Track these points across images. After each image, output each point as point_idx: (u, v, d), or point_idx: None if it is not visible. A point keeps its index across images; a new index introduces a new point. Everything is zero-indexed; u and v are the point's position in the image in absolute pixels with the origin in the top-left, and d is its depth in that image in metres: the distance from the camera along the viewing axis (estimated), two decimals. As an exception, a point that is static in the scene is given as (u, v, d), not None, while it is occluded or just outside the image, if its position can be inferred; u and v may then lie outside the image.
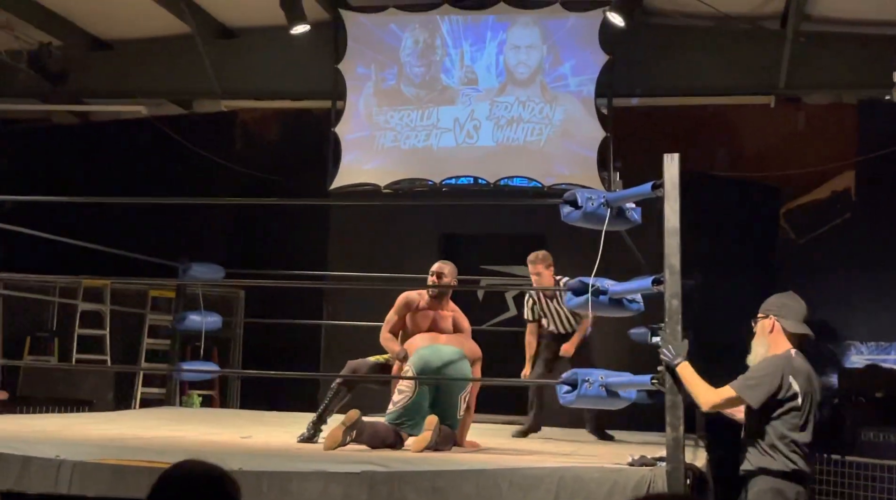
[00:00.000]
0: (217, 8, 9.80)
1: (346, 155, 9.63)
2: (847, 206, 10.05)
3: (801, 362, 4.06)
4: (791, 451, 3.95)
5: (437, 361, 5.58)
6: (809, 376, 4.02)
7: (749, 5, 8.95)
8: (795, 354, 4.08)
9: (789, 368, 3.99)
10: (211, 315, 8.60)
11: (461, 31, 9.56)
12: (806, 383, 3.98)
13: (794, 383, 3.95)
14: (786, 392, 3.95)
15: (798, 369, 4.01)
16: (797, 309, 4.17)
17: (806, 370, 4.03)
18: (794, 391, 3.95)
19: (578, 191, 4.76)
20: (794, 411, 3.95)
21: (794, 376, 3.97)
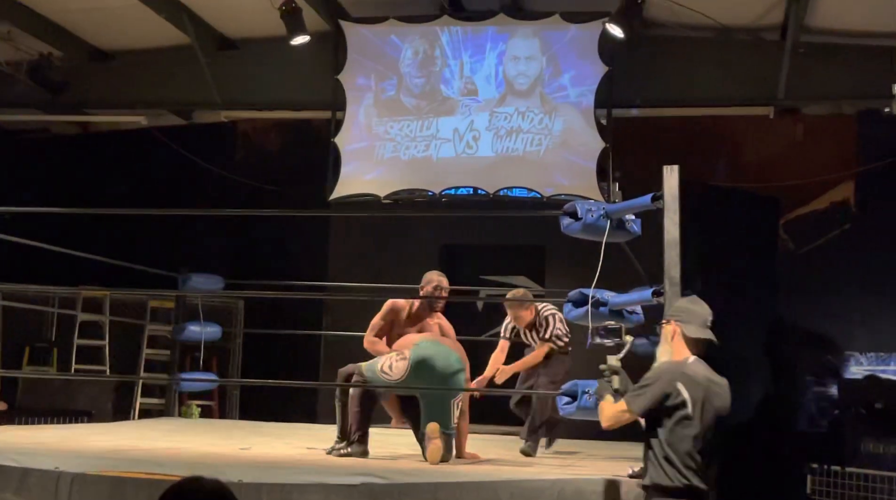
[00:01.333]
0: (217, 19, 9.83)
1: (346, 165, 9.64)
2: (846, 217, 10.06)
3: (699, 369, 3.86)
4: (684, 465, 3.74)
5: (441, 362, 5.45)
6: (705, 384, 3.81)
7: (749, 17, 8.98)
8: (694, 361, 3.88)
9: (679, 375, 3.80)
10: (210, 326, 8.60)
11: (461, 42, 9.59)
12: (699, 390, 3.78)
13: (682, 390, 3.74)
14: (674, 400, 3.75)
15: (691, 376, 3.80)
16: (699, 314, 3.99)
17: (702, 378, 3.83)
18: (683, 399, 3.74)
19: (578, 202, 4.77)
20: (686, 420, 3.74)
21: (685, 383, 3.76)
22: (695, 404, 3.74)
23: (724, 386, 3.90)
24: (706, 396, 3.78)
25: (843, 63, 8.87)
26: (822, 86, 9.10)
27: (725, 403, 3.87)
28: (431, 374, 5.43)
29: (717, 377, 3.90)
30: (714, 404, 3.80)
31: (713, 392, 3.82)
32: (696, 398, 3.75)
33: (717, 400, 3.82)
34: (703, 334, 3.94)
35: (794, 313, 10.01)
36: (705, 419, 3.76)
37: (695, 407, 3.74)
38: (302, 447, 6.21)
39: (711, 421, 3.79)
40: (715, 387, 3.84)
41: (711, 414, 3.78)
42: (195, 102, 10.49)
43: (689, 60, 9.34)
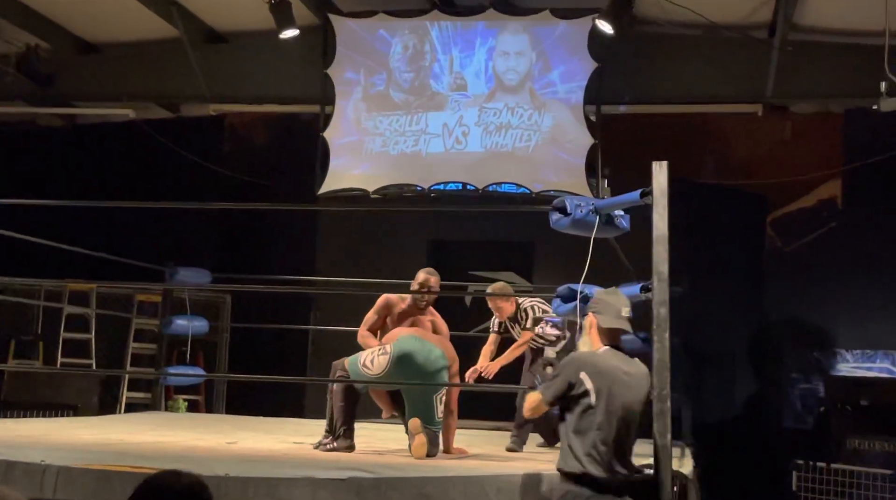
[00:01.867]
0: (206, 12, 9.78)
1: (335, 160, 9.62)
2: (833, 214, 10.11)
3: (609, 358, 4.00)
4: (585, 453, 3.84)
5: (422, 358, 5.46)
6: (612, 374, 3.92)
7: (737, 15, 8.99)
8: (605, 351, 4.03)
9: (584, 365, 3.95)
10: (197, 319, 8.57)
11: (451, 37, 9.57)
12: (604, 380, 3.88)
13: (586, 379, 3.89)
14: (578, 389, 3.89)
15: (597, 365, 3.95)
16: (614, 305, 4.12)
17: (610, 367, 3.95)
18: (586, 388, 3.88)
19: (567, 198, 4.76)
20: (589, 409, 3.86)
21: (590, 373, 3.90)
22: (598, 393, 3.88)
23: (639, 376, 4.04)
24: (612, 386, 3.91)
25: (830, 61, 8.89)
26: (809, 84, 9.12)
27: (638, 393, 4.00)
28: (412, 369, 5.44)
29: (632, 367, 4.04)
30: (623, 395, 3.92)
31: (621, 382, 3.95)
32: (601, 388, 3.89)
33: (625, 391, 3.94)
34: (615, 323, 4.08)
35: (780, 310, 10.06)
36: (611, 409, 3.88)
37: (598, 397, 3.88)
38: (289, 441, 6.20)
39: (621, 411, 3.90)
40: (625, 377, 3.97)
41: (619, 404, 3.90)
42: (183, 95, 10.44)
43: (678, 58, 9.35)
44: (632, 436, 4.00)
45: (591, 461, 3.85)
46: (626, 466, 3.94)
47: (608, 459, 3.87)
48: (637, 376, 4.04)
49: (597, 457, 3.85)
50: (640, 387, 4.02)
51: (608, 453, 3.87)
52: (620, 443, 3.91)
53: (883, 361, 9.67)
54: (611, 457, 3.88)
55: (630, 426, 3.96)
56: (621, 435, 3.91)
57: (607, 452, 3.87)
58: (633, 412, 3.98)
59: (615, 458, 3.90)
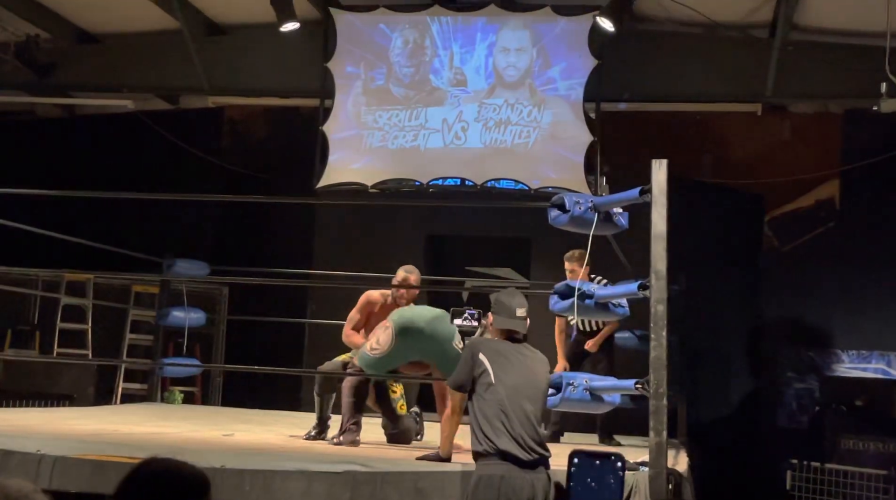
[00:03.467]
0: (207, 4, 9.76)
1: (334, 154, 9.61)
2: (831, 214, 10.10)
3: (505, 343, 4.18)
4: (492, 429, 3.95)
5: (419, 319, 5.48)
6: (508, 354, 4.10)
7: (738, 14, 8.99)
8: (498, 339, 4.24)
9: (482, 346, 4.16)
10: (194, 311, 8.57)
11: (451, 32, 9.57)
12: (499, 358, 4.07)
13: (484, 360, 4.05)
14: (479, 370, 4.06)
15: (493, 346, 4.16)
16: (508, 306, 4.25)
17: (507, 349, 4.14)
18: (485, 368, 4.04)
19: (566, 195, 4.77)
20: (490, 386, 4.01)
21: (486, 352, 4.08)
22: (497, 372, 4.02)
23: (536, 359, 4.22)
24: (509, 364, 4.07)
25: (830, 61, 8.89)
26: (809, 84, 9.12)
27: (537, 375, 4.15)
28: (417, 332, 5.44)
29: (529, 351, 4.22)
30: (521, 373, 4.07)
31: (518, 361, 4.10)
32: (498, 367, 4.04)
33: (523, 369, 4.09)
34: (507, 325, 4.22)
35: (776, 310, 10.07)
36: (510, 385, 4.01)
37: (497, 375, 4.01)
38: (285, 434, 6.21)
39: (522, 388, 4.02)
40: (521, 357, 4.13)
41: (518, 381, 4.03)
42: (183, 87, 10.44)
43: (678, 56, 9.35)
44: (537, 414, 4.09)
45: (499, 435, 3.95)
46: (535, 442, 4.02)
47: (515, 434, 3.96)
48: (536, 360, 4.22)
49: (504, 430, 3.95)
50: (539, 370, 4.19)
51: (515, 428, 3.96)
52: (525, 419, 4.00)
53: (878, 361, 9.68)
54: (519, 432, 3.96)
55: (534, 403, 4.07)
56: (525, 411, 4.01)
57: (514, 427, 3.96)
58: (534, 390, 4.11)
59: (523, 433, 3.98)
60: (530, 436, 3.98)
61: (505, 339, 4.22)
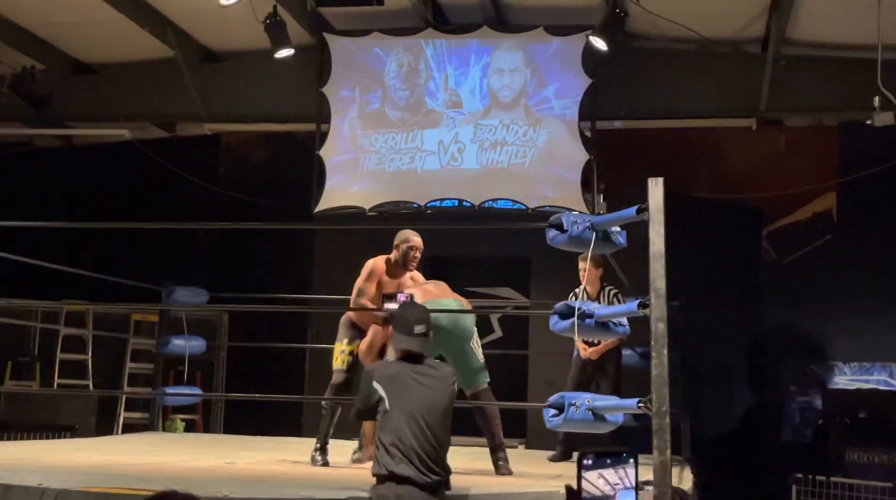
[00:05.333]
0: (201, 32, 9.82)
1: (331, 178, 9.63)
2: (829, 227, 10.13)
3: (402, 366, 4.18)
4: (388, 454, 4.01)
5: (442, 317, 5.44)
6: (404, 379, 4.11)
7: (730, 29, 9.04)
8: (399, 360, 4.24)
9: (377, 373, 4.18)
10: (195, 339, 8.55)
11: (445, 54, 9.61)
12: (394, 385, 4.09)
13: (379, 388, 4.10)
14: (374, 398, 4.11)
15: (389, 372, 4.17)
16: (407, 321, 4.25)
17: (402, 373, 4.14)
18: (380, 396, 4.09)
19: (564, 215, 4.76)
20: (386, 413, 4.07)
21: (381, 380, 4.12)
22: (392, 398, 4.06)
23: (439, 377, 4.18)
24: (405, 390, 4.08)
25: (824, 75, 8.93)
26: (803, 98, 9.16)
27: (436, 395, 4.11)
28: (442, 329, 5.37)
29: (429, 370, 4.17)
30: (417, 398, 4.06)
31: (414, 385, 4.10)
32: (393, 393, 4.07)
33: (419, 393, 4.08)
34: (402, 344, 4.23)
35: (777, 323, 10.07)
36: (406, 411, 4.03)
37: (392, 402, 4.05)
38: (288, 460, 6.19)
39: (417, 413, 4.03)
40: (420, 379, 4.12)
41: (414, 406, 4.04)
42: (179, 115, 10.46)
43: (671, 72, 9.39)
44: (436, 435, 4.09)
45: (393, 461, 4.01)
46: (434, 463, 4.05)
47: (412, 458, 4.01)
48: (437, 378, 4.18)
49: (400, 455, 4.00)
50: (439, 389, 4.16)
51: (410, 453, 4.01)
52: (424, 441, 4.04)
53: (880, 373, 9.68)
54: (415, 456, 4.01)
55: (431, 427, 4.07)
56: (423, 434, 4.04)
57: (409, 452, 4.01)
58: (433, 411, 4.10)
59: (420, 456, 4.02)
60: (429, 458, 4.04)
61: (401, 358, 4.23)
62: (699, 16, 8.77)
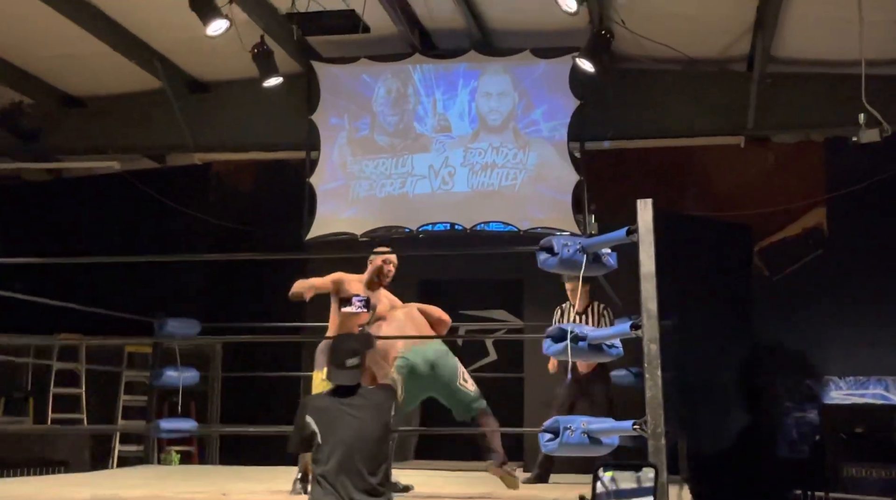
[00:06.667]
0: (189, 63, 9.84)
1: (322, 205, 9.64)
2: (819, 242, 10.17)
3: (333, 398, 4.23)
4: (320, 486, 4.08)
5: (421, 364, 5.62)
6: (333, 413, 4.16)
7: (715, 48, 9.09)
8: (327, 394, 4.31)
9: (309, 407, 4.22)
10: (188, 370, 8.50)
11: (433, 79, 9.65)
12: (325, 418, 4.15)
13: (311, 421, 4.16)
14: (307, 431, 4.17)
15: (320, 405, 4.23)
16: (336, 356, 4.29)
17: (334, 406, 4.19)
18: (313, 430, 4.15)
19: (555, 238, 4.77)
20: (318, 446, 4.12)
21: (312, 414, 4.18)
22: (323, 432, 4.11)
23: (370, 407, 4.21)
24: (335, 421, 4.14)
25: (810, 91, 8.98)
26: (790, 114, 9.20)
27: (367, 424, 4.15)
28: (422, 377, 5.61)
29: (359, 401, 4.21)
30: (348, 429, 4.11)
31: (344, 417, 4.14)
32: (325, 426, 4.13)
33: (349, 424, 4.13)
34: (334, 378, 4.28)
35: (771, 340, 10.07)
36: (337, 442, 4.09)
37: (324, 435, 4.11)
38: (283, 490, 6.14)
39: (348, 444, 4.08)
40: (350, 410, 4.17)
41: (344, 437, 4.10)
42: (168, 146, 10.46)
43: (659, 92, 9.44)
44: (369, 467, 4.12)
45: (325, 492, 4.07)
46: (365, 493, 4.10)
47: (342, 491, 4.06)
48: (369, 407, 4.21)
49: (330, 487, 4.06)
50: (370, 418, 4.19)
51: (339, 487, 4.06)
52: (354, 474, 4.08)
53: (876, 387, 9.68)
54: (345, 489, 4.06)
55: (365, 458, 4.11)
56: (354, 467, 4.08)
57: (339, 486, 4.06)
58: (364, 443, 4.13)
59: (349, 489, 4.07)
60: (360, 490, 4.08)
61: (334, 391, 4.27)
62: (685, 36, 8.83)
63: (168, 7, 8.25)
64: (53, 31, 8.63)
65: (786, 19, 8.14)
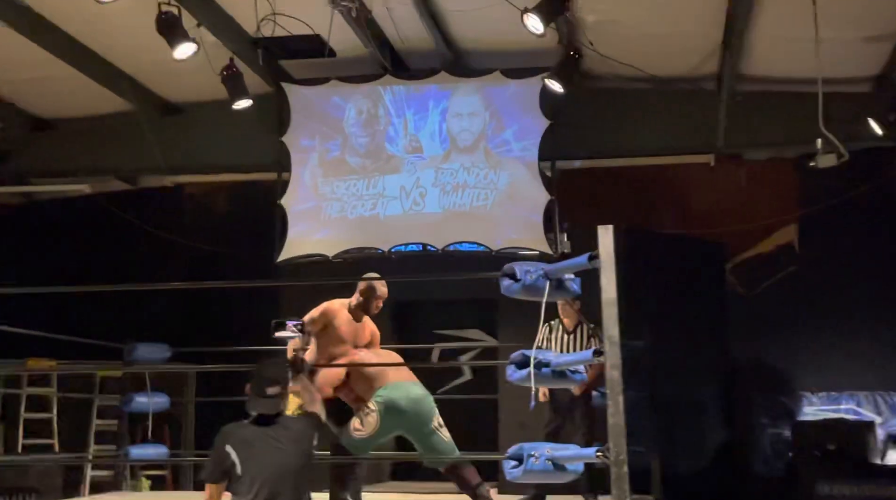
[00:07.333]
0: (159, 84, 9.81)
1: (293, 227, 9.61)
2: (791, 259, 10.21)
3: (255, 428, 4.18)
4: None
5: (402, 399, 5.65)
6: (254, 442, 4.11)
7: (685, 67, 9.13)
8: (249, 422, 4.24)
9: (230, 437, 4.16)
10: (158, 396, 8.42)
11: (404, 100, 9.65)
12: (246, 449, 4.09)
13: (231, 451, 4.11)
14: (227, 462, 4.12)
15: (242, 435, 4.16)
16: (259, 383, 4.27)
17: (255, 436, 4.14)
18: (233, 461, 4.09)
19: (517, 264, 4.76)
20: (237, 476, 4.07)
21: (233, 444, 4.12)
22: (243, 462, 4.06)
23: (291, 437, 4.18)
24: (256, 452, 4.08)
25: (778, 109, 9.04)
26: (759, 132, 9.26)
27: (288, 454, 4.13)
28: (402, 413, 5.64)
29: (281, 431, 4.18)
30: (268, 459, 4.07)
31: (267, 447, 4.11)
32: (245, 457, 4.09)
33: (271, 454, 4.09)
34: (255, 407, 4.25)
35: (745, 357, 10.09)
36: (257, 474, 4.04)
37: (244, 465, 4.05)
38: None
39: (268, 474, 4.04)
40: (272, 441, 4.13)
41: (264, 467, 4.05)
42: (140, 168, 10.43)
43: (629, 111, 9.47)
44: (291, 494, 4.11)
45: None
46: None
47: None
48: (291, 438, 4.18)
49: None
50: (292, 450, 4.16)
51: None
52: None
53: (848, 402, 9.71)
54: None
55: (287, 489, 4.09)
56: (274, 497, 4.05)
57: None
58: (285, 473, 4.10)
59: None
60: None
61: (255, 420, 4.21)
62: (654, 55, 8.87)
63: (137, 30, 8.21)
64: (22, 54, 8.58)
65: (752, 39, 8.20)
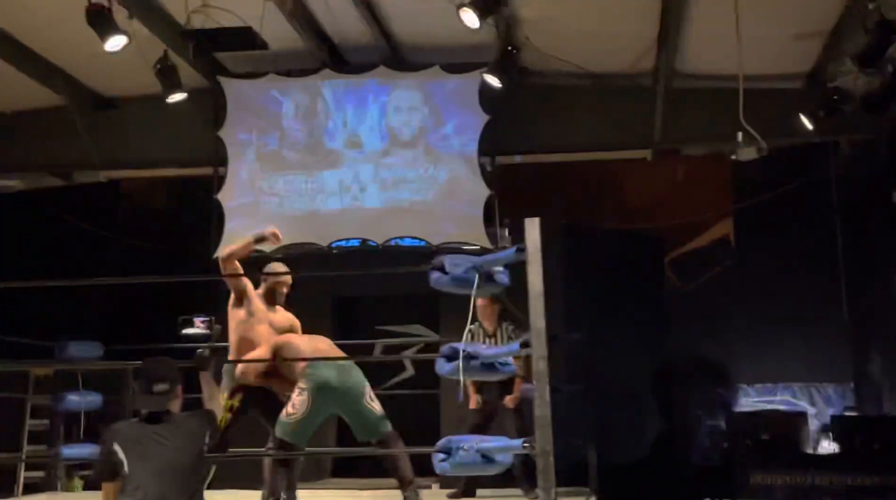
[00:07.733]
0: (92, 78, 9.64)
1: (230, 222, 9.50)
2: (727, 253, 10.36)
3: (143, 425, 4.07)
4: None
5: (331, 377, 5.62)
6: (143, 440, 4.01)
7: (623, 64, 9.20)
8: (137, 421, 4.13)
9: (118, 435, 4.05)
10: (91, 394, 8.30)
11: (343, 94, 9.60)
12: (134, 447, 3.99)
13: (118, 449, 4.00)
14: (114, 459, 3.99)
15: (129, 433, 4.05)
16: (144, 379, 4.16)
17: (143, 434, 4.03)
18: (120, 459, 3.98)
19: (446, 257, 4.74)
20: (126, 477, 3.95)
21: (121, 442, 4.01)
22: (130, 461, 3.95)
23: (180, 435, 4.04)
24: (144, 450, 3.97)
25: (712, 105, 9.13)
26: (695, 128, 9.37)
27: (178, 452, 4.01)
28: (333, 391, 5.61)
29: (170, 430, 4.04)
30: (157, 457, 3.96)
31: (155, 445, 3.99)
32: (132, 455, 3.97)
33: (160, 452, 3.98)
34: (141, 404, 4.13)
35: (683, 349, 10.21)
36: (145, 472, 3.93)
37: (130, 464, 3.94)
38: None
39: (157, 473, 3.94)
40: (160, 439, 4.00)
41: (154, 466, 3.95)
42: (73, 163, 10.22)
43: (567, 107, 9.53)
44: (180, 494, 4.01)
45: None
46: None
47: None
48: (182, 435, 4.06)
49: None
50: (183, 447, 4.04)
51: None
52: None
53: (783, 393, 9.89)
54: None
55: (177, 488, 3.98)
56: (163, 497, 3.94)
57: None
58: (174, 472, 3.99)
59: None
60: None
61: (144, 419, 4.09)
62: (591, 52, 8.93)
63: (68, 23, 8.05)
64: (-52, 47, 8.38)
65: (686, 36, 8.30)
